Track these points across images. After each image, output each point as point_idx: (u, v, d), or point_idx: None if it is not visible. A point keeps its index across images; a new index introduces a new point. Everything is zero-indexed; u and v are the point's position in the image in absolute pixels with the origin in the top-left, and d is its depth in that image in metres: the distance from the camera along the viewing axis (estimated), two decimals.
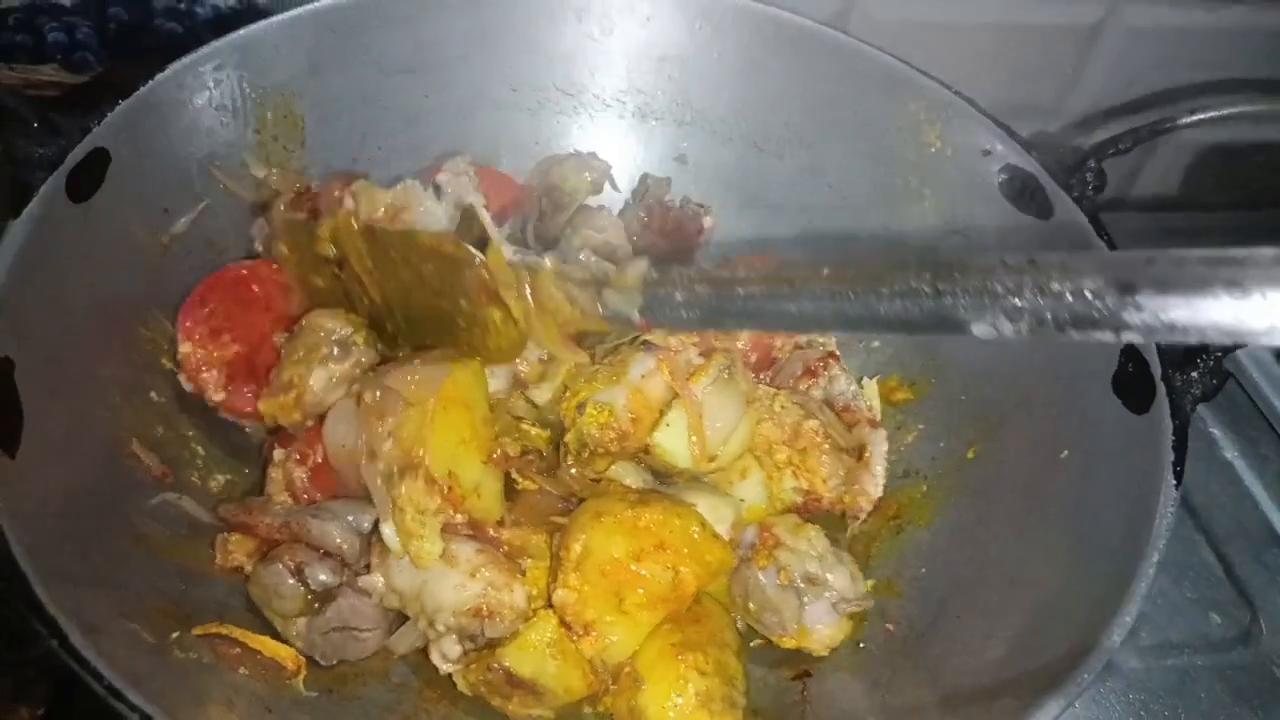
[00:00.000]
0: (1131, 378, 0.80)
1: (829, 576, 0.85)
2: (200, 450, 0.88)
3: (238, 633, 0.74)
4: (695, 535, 0.82)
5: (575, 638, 0.79)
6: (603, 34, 1.06)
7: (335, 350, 0.85)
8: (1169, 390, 0.78)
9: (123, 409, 0.81)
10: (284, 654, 0.75)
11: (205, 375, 0.87)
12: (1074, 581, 0.74)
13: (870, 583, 0.90)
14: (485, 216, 0.85)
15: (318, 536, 0.77)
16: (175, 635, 0.68)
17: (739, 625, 0.88)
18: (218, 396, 0.87)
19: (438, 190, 0.98)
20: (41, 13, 1.16)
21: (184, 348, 0.87)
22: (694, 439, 0.86)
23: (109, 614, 0.63)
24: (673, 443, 0.86)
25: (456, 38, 1.02)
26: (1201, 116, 0.87)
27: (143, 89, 0.85)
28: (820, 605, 0.84)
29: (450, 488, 0.79)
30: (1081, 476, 0.81)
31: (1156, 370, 0.79)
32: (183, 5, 1.18)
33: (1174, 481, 0.74)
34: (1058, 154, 0.93)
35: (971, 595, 0.83)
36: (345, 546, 0.78)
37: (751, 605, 0.86)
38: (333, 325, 0.86)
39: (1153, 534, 0.71)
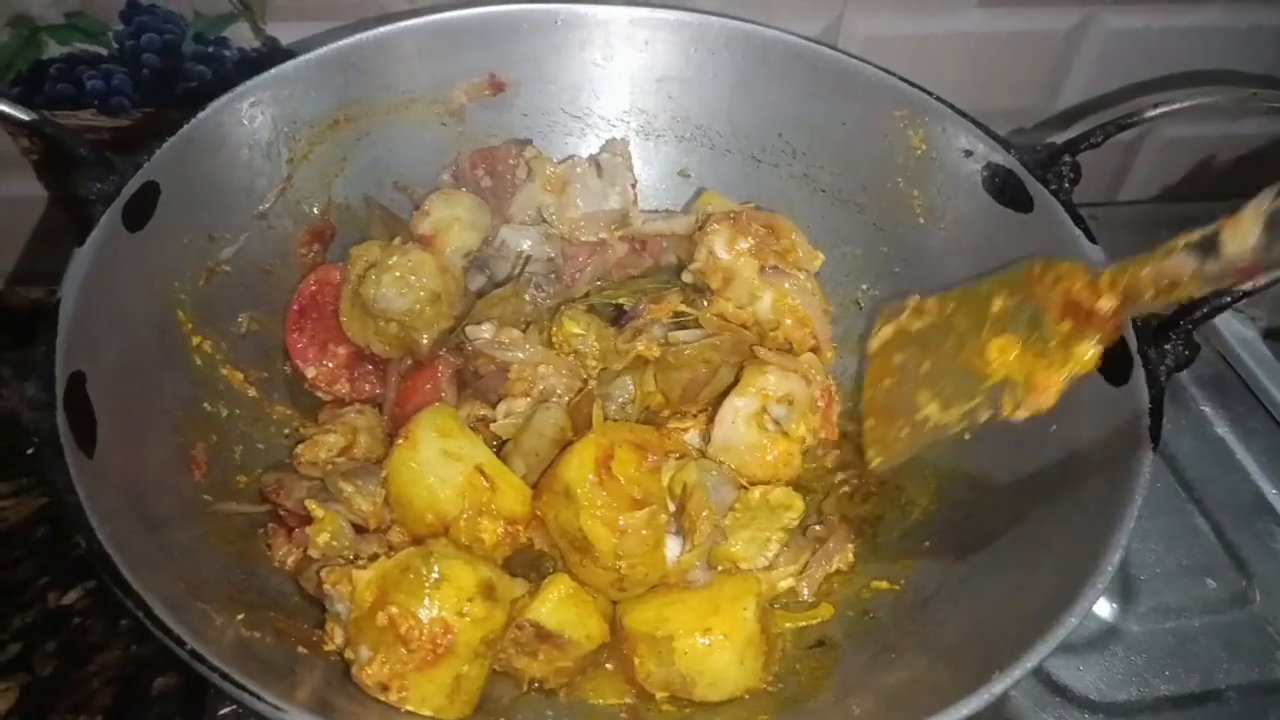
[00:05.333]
0: (1110, 353, 0.86)
1: None
2: (261, 447, 0.95)
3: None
4: None
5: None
6: (605, 60, 1.13)
7: None
8: (1145, 362, 0.83)
9: (181, 417, 0.88)
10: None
11: (336, 385, 1.02)
12: (1064, 536, 0.80)
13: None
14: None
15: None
16: (240, 616, 0.74)
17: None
18: (344, 391, 1.02)
19: (599, 168, 1.07)
20: (81, 62, 1.23)
21: (309, 372, 1.01)
22: None
23: (184, 595, 0.69)
24: None
25: (469, 71, 1.10)
26: (1165, 109, 0.94)
27: (185, 126, 0.92)
28: None
29: None
30: (1068, 446, 0.87)
31: (1133, 345, 0.85)
32: (211, 50, 1.24)
33: (1152, 443, 0.79)
34: (1034, 151, 0.99)
35: (972, 560, 0.88)
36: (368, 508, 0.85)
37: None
38: None
39: (1135, 489, 0.76)
